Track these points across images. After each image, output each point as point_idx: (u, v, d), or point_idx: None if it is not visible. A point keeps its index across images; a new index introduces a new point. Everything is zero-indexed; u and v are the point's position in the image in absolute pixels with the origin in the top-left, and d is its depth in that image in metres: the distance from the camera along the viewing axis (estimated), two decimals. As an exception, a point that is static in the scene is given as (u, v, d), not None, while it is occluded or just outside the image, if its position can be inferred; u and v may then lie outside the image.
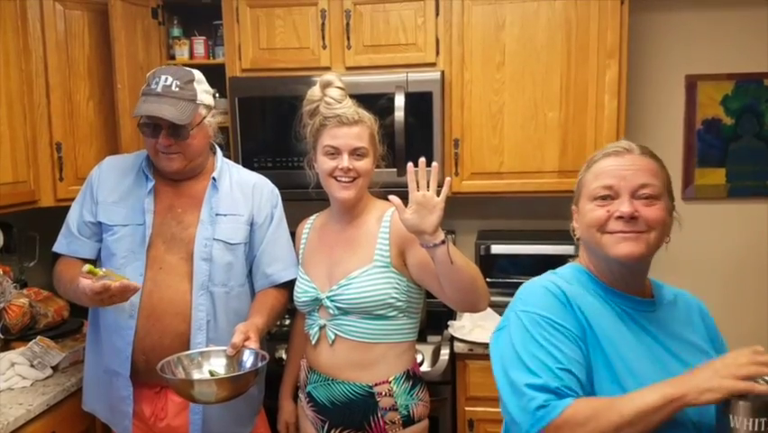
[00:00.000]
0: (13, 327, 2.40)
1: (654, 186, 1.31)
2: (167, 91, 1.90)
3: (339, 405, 1.87)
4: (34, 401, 2.06)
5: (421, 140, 2.59)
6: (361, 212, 1.94)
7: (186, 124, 1.90)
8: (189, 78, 1.95)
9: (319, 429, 1.93)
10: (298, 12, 2.71)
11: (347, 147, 1.85)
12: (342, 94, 1.89)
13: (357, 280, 1.83)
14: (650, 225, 1.29)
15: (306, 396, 1.96)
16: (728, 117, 2.92)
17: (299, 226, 2.11)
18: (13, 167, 2.40)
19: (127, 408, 1.97)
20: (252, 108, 2.70)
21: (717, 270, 2.95)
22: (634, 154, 1.34)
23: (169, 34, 2.90)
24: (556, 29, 2.59)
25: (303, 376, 1.99)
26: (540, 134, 2.64)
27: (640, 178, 1.31)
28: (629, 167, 1.32)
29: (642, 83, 2.90)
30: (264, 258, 2.06)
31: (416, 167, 1.57)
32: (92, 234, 2.03)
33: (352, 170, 1.85)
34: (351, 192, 1.87)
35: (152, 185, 2.00)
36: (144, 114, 1.89)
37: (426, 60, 2.66)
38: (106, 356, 2.00)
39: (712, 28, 2.88)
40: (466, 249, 2.92)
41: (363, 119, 1.88)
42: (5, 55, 2.36)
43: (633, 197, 1.30)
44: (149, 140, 1.95)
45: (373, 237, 1.88)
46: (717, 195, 2.96)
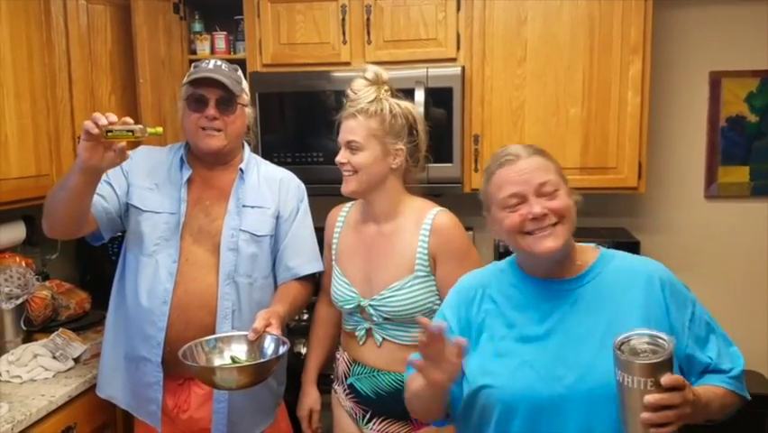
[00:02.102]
0: (36, 319, 2.43)
1: (551, 180, 1.43)
2: (218, 68, 1.99)
3: (384, 395, 1.88)
4: (56, 393, 2.08)
5: (441, 136, 2.57)
6: (396, 211, 1.92)
7: (234, 98, 1.97)
8: (235, 67, 2.05)
9: (359, 419, 1.94)
10: (319, 7, 2.70)
11: (342, 140, 1.87)
12: (360, 85, 1.88)
13: (400, 291, 1.83)
14: (560, 214, 1.41)
15: (346, 388, 1.97)
16: (753, 115, 2.88)
17: (331, 214, 2.09)
18: (36, 160, 2.42)
19: (156, 394, 1.98)
20: (273, 103, 2.70)
21: (740, 268, 2.90)
22: (523, 159, 1.45)
23: (191, 29, 2.91)
24: (579, 24, 2.56)
25: (343, 369, 1.99)
26: (561, 131, 2.61)
27: (538, 177, 1.42)
28: (525, 171, 1.43)
29: (665, 79, 2.87)
30: (287, 251, 2.06)
31: None
32: (109, 196, 1.99)
33: (347, 163, 1.86)
34: (350, 186, 1.87)
35: (190, 174, 2.02)
36: (202, 75, 1.94)
37: (447, 56, 2.64)
38: (133, 342, 2.00)
39: (737, 24, 2.84)
40: (485, 246, 2.92)
41: (368, 110, 1.84)
42: (29, 49, 2.39)
43: (538, 196, 1.41)
44: (192, 115, 1.98)
45: (412, 245, 1.86)
46: (740, 193, 2.91)
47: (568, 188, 1.47)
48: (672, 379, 1.17)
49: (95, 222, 1.96)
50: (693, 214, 2.92)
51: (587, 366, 1.36)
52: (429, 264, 1.85)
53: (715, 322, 1.47)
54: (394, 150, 1.86)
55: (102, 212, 1.97)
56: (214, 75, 1.94)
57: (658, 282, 1.43)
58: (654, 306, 1.41)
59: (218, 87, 1.95)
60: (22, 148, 2.35)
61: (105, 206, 1.98)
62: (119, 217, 2.03)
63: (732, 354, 1.45)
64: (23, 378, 2.17)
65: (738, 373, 1.43)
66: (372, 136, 1.84)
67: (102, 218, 1.98)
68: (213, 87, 1.95)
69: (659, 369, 1.18)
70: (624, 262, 1.50)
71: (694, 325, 1.42)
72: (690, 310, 1.43)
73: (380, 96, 1.87)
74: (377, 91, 1.87)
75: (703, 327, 1.44)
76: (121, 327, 2.05)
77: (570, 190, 1.47)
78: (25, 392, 2.08)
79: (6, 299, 2.32)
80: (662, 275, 1.45)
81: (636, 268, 1.48)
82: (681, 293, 1.45)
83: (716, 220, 2.89)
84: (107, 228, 2.01)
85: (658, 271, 1.46)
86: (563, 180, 1.47)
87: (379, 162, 1.85)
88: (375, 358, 1.91)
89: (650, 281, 1.43)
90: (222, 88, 1.95)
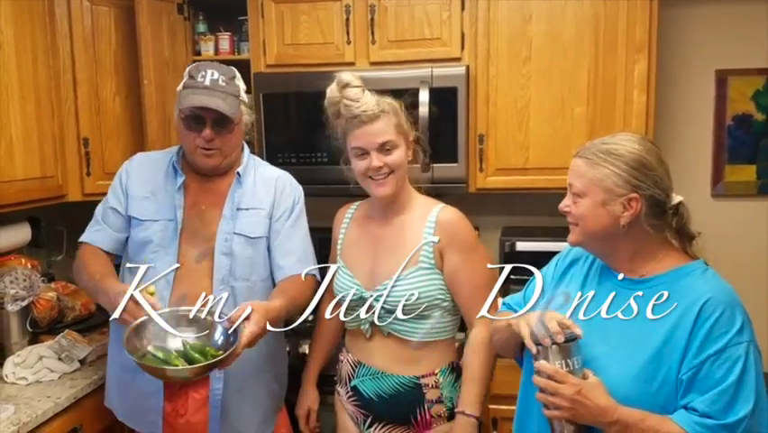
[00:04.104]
0: (42, 321, 2.44)
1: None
2: (215, 85, 1.91)
3: (386, 398, 1.88)
4: (62, 394, 2.09)
5: (446, 135, 2.57)
6: (404, 206, 1.93)
7: (232, 119, 1.92)
8: (232, 74, 1.98)
9: (360, 424, 1.94)
10: (323, 7, 2.70)
11: (372, 145, 1.82)
12: (357, 92, 1.83)
13: (403, 282, 1.81)
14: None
15: (349, 390, 1.96)
16: (760, 113, 2.86)
17: (339, 213, 2.09)
18: (41, 162, 2.43)
19: (156, 401, 1.97)
20: (277, 104, 2.70)
21: (747, 267, 2.88)
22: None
23: (195, 30, 2.91)
24: (584, 23, 2.55)
25: (347, 370, 1.99)
26: (567, 130, 2.60)
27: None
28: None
29: (671, 78, 2.85)
30: (279, 250, 2.03)
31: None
32: (115, 223, 2.03)
33: (383, 166, 1.83)
34: (388, 188, 1.86)
35: (183, 180, 2.01)
36: (198, 105, 1.89)
37: (451, 55, 2.63)
38: None
39: (743, 22, 2.82)
40: (490, 246, 2.90)
41: (385, 109, 1.83)
42: (33, 51, 2.39)
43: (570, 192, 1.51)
44: (189, 134, 1.95)
45: (417, 237, 1.86)
46: (747, 192, 2.90)
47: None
48: (538, 364, 1.39)
49: (113, 257, 2.03)
50: (700, 213, 2.83)
51: (592, 362, 1.42)
52: (434, 258, 1.85)
53: (749, 384, 1.34)
54: (410, 142, 1.90)
55: (116, 243, 2.03)
56: (211, 100, 1.88)
57: (701, 305, 1.38)
58: (683, 327, 1.38)
59: (215, 109, 1.90)
60: (27, 150, 2.36)
61: (118, 236, 2.03)
62: (127, 234, 2.05)
63: (733, 409, 1.34)
64: (29, 380, 2.17)
65: (717, 424, 1.33)
66: (399, 133, 1.85)
67: (118, 249, 2.04)
68: (210, 109, 1.89)
69: (546, 353, 1.39)
70: (693, 284, 1.43)
71: (712, 364, 1.34)
72: (719, 348, 1.35)
73: (375, 95, 1.85)
74: (369, 92, 1.84)
75: (722, 372, 1.34)
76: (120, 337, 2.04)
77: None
78: (31, 394, 2.09)
79: (12, 301, 2.32)
80: (714, 303, 1.38)
81: (699, 289, 1.41)
82: (722, 328, 1.36)
83: (722, 219, 2.87)
84: (122, 249, 2.06)
85: (714, 297, 1.39)
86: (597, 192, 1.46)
87: (406, 156, 1.88)
88: (380, 357, 1.90)
89: (695, 302, 1.38)
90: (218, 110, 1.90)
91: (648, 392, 1.38)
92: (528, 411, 1.56)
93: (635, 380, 1.39)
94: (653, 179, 1.43)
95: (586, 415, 1.36)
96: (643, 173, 1.43)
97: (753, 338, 1.38)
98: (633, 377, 1.40)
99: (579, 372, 1.40)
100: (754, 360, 1.37)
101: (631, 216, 1.43)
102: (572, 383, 1.36)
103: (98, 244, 2.01)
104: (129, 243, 2.03)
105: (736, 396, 1.33)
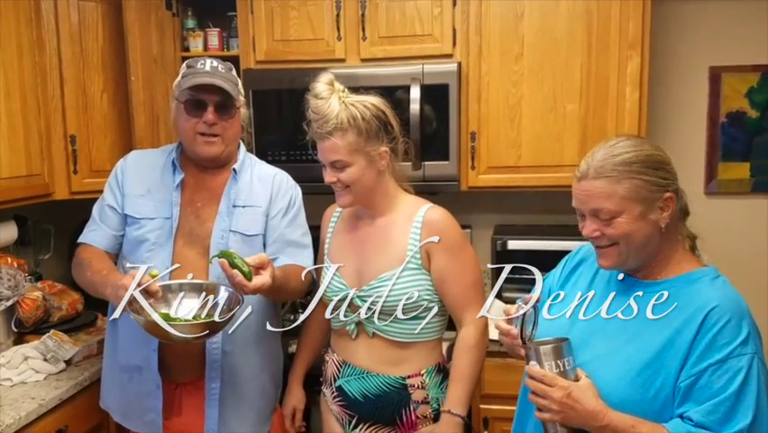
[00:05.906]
0: (27, 321, 2.40)
1: (607, 207, 1.40)
2: (215, 71, 1.94)
3: (372, 398, 1.86)
4: (47, 396, 2.06)
5: (437, 133, 2.55)
6: (390, 207, 1.91)
7: (233, 102, 1.94)
8: (230, 66, 2.01)
9: (345, 425, 1.92)
10: (313, 2, 2.67)
11: (325, 161, 1.83)
12: (321, 105, 1.79)
13: (388, 282, 1.80)
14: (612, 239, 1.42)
15: (334, 390, 1.94)
16: (753, 110, 2.85)
17: (326, 213, 2.07)
18: (27, 160, 2.40)
19: (155, 401, 1.95)
20: (267, 101, 2.67)
21: (741, 265, 2.85)
22: (588, 179, 1.42)
23: (183, 26, 2.87)
24: (576, 20, 2.53)
25: (332, 371, 1.97)
26: (559, 127, 2.58)
27: (596, 203, 1.41)
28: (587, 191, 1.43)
29: (664, 75, 2.84)
30: (275, 246, 2.02)
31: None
32: (113, 222, 2.01)
33: (337, 181, 1.82)
34: (346, 199, 1.85)
35: (181, 178, 1.99)
36: (201, 83, 1.90)
37: (443, 52, 2.61)
38: (127, 352, 1.98)
39: (737, 19, 2.80)
40: (482, 244, 2.89)
41: (342, 126, 1.77)
42: (19, 47, 2.36)
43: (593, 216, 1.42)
44: (190, 120, 1.93)
45: (404, 237, 1.85)
46: (740, 189, 2.89)
47: (638, 213, 1.39)
48: (528, 367, 1.40)
49: (113, 255, 2.02)
50: (693, 210, 2.87)
51: (592, 362, 1.42)
52: (421, 258, 1.83)
53: (749, 396, 1.30)
54: (378, 154, 1.83)
55: (114, 242, 2.02)
56: (214, 80, 1.90)
57: (706, 312, 1.34)
58: (686, 333, 1.35)
59: (217, 92, 1.91)
60: (13, 147, 2.33)
61: (116, 235, 2.01)
62: (124, 231, 2.03)
63: (731, 421, 1.30)
64: (14, 381, 2.15)
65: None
66: (354, 150, 1.79)
67: (117, 248, 2.03)
68: (211, 92, 1.91)
69: (536, 354, 1.39)
70: (701, 290, 1.40)
71: (712, 373, 1.31)
72: (721, 357, 1.31)
73: (344, 103, 1.79)
74: (337, 101, 1.79)
75: (722, 382, 1.30)
76: (116, 336, 2.02)
77: (639, 215, 1.40)
78: (15, 395, 2.06)
79: (-4, 301, 2.29)
80: (720, 311, 1.34)
81: (706, 296, 1.38)
82: (726, 338, 1.32)
83: (716, 217, 2.85)
84: (120, 248, 2.04)
85: (720, 305, 1.35)
86: (634, 202, 1.39)
87: (367, 172, 1.83)
88: (366, 357, 1.88)
89: (701, 309, 1.35)
90: (221, 93, 1.91)
91: (645, 397, 1.36)
92: (527, 411, 1.54)
93: (631, 383, 1.37)
94: (673, 173, 1.43)
95: (575, 418, 1.35)
96: (665, 170, 1.42)
97: (758, 350, 1.33)
98: (630, 380, 1.37)
99: (571, 372, 1.38)
100: (758, 373, 1.32)
101: (669, 216, 1.41)
102: (561, 386, 1.35)
103: (97, 245, 2.00)
104: (124, 241, 2.02)
105: (735, 408, 1.29)
